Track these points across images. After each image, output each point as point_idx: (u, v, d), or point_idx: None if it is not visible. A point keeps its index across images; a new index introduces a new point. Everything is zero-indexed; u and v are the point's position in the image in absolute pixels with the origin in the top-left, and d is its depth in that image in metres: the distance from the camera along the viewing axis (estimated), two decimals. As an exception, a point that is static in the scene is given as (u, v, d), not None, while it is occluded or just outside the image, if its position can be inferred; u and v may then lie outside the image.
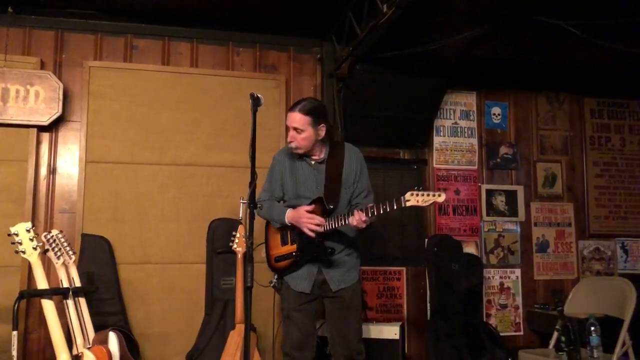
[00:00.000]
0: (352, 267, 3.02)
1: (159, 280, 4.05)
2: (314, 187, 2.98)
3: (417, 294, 4.59)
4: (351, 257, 3.02)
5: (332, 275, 2.94)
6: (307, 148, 2.96)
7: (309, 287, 2.94)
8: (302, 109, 2.91)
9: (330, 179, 2.96)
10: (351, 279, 2.99)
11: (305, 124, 2.89)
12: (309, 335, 2.98)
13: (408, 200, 2.63)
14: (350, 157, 3.04)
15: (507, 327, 4.74)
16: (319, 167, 3.01)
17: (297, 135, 2.90)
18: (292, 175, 3.05)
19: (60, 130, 4.06)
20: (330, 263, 2.94)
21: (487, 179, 4.88)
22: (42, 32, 4.11)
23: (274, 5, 4.07)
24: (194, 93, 4.25)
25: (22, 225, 2.89)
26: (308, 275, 2.94)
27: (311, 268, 2.94)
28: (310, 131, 2.90)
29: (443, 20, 3.61)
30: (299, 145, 2.93)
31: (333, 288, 2.94)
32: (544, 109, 5.11)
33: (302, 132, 2.90)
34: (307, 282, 2.94)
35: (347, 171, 3.00)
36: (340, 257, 2.97)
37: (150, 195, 4.10)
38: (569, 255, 4.97)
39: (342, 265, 2.96)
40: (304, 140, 2.92)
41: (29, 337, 3.82)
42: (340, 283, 2.95)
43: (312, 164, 3.02)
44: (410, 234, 4.62)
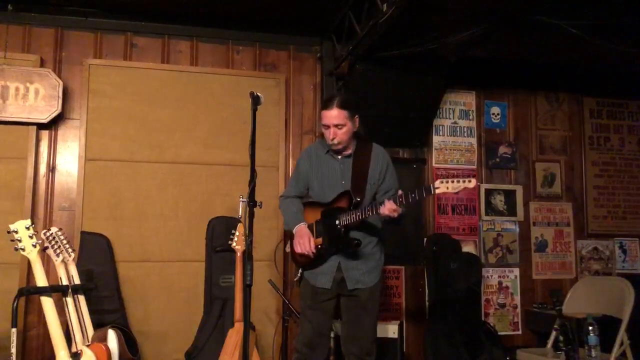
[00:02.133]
0: (372, 268, 3.00)
1: (158, 278, 4.05)
2: (339, 182, 3.00)
3: (415, 293, 4.59)
4: (373, 257, 3.00)
5: (350, 275, 2.93)
6: (347, 142, 2.99)
7: (329, 283, 2.93)
8: (338, 104, 2.94)
9: (357, 173, 2.98)
10: (369, 281, 2.97)
11: (344, 118, 2.94)
12: (322, 335, 3.00)
13: (437, 188, 2.64)
14: (378, 155, 3.06)
15: (505, 326, 4.75)
16: (346, 162, 3.04)
17: (339, 131, 2.94)
18: (318, 171, 3.07)
19: (60, 128, 4.07)
20: (352, 261, 2.93)
21: (486, 179, 4.89)
22: (42, 30, 4.11)
23: (274, 4, 4.07)
24: (193, 91, 4.26)
25: (21, 222, 2.89)
26: (329, 271, 2.94)
27: (332, 264, 2.94)
28: (349, 125, 2.96)
29: (443, 20, 3.60)
30: (341, 141, 2.96)
31: (349, 286, 2.93)
32: (543, 109, 5.12)
33: (343, 127, 2.94)
34: (328, 277, 2.94)
35: (373, 167, 3.01)
36: (363, 255, 2.95)
37: (149, 193, 4.10)
38: (568, 254, 4.98)
39: (363, 266, 2.95)
40: (345, 135, 2.96)
41: (28, 335, 3.83)
42: (357, 283, 2.94)
43: (339, 159, 3.05)
44: (409, 232, 4.61)
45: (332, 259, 2.94)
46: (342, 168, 3.03)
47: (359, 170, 2.99)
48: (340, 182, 3.00)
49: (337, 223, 2.90)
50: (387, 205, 2.74)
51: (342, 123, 2.93)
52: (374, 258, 3.01)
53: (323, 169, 3.07)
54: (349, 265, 2.94)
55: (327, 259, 2.95)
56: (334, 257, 2.94)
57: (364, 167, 3.00)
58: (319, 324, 2.97)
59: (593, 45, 3.80)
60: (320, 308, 2.98)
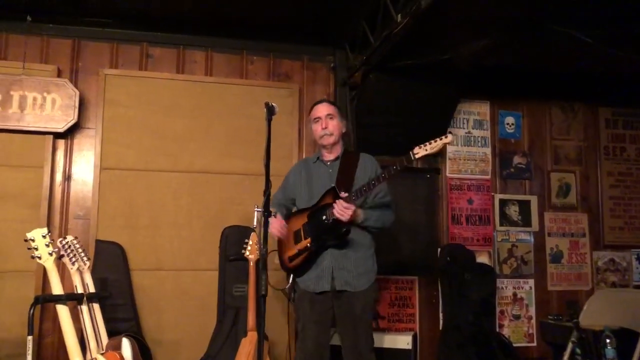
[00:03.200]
0: (363, 274, 2.98)
1: (171, 286, 4.06)
2: (328, 185, 3.00)
3: (429, 304, 4.56)
4: (364, 263, 2.99)
5: (339, 275, 2.92)
6: (337, 137, 3.08)
7: (327, 285, 2.92)
8: (328, 101, 3.24)
9: (343, 173, 3.02)
10: (358, 285, 2.94)
11: (335, 112, 3.12)
12: (324, 348, 2.99)
13: (417, 153, 2.70)
14: (365, 162, 3.09)
15: (520, 337, 4.70)
16: (334, 167, 3.08)
17: (330, 121, 3.07)
18: (308, 180, 3.11)
19: (76, 137, 4.11)
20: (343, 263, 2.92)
21: (501, 189, 4.86)
22: (59, 41, 4.16)
23: (289, 15, 4.10)
24: (208, 101, 4.28)
25: (38, 231, 2.92)
26: (325, 274, 2.93)
27: (326, 266, 2.93)
28: (338, 119, 3.12)
29: (457, 30, 3.60)
30: (332, 132, 3.05)
31: (337, 287, 2.92)
32: (558, 119, 5.08)
33: (334, 119, 3.09)
34: (325, 280, 2.93)
35: (361, 173, 3.02)
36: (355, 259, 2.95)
37: (163, 202, 4.12)
38: (583, 266, 4.92)
39: (354, 269, 2.94)
40: (336, 128, 3.07)
41: (43, 342, 3.85)
42: (345, 285, 2.92)
43: (328, 164, 3.11)
44: (422, 243, 4.60)
45: (324, 260, 2.94)
46: (331, 173, 3.07)
47: (345, 171, 3.03)
48: (329, 185, 3.01)
49: (324, 218, 2.90)
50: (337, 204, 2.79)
51: (332, 113, 3.09)
52: (365, 265, 2.99)
53: (313, 177, 3.12)
54: (340, 266, 2.93)
55: (318, 259, 2.94)
56: (327, 258, 2.93)
57: (351, 170, 3.03)
58: (319, 338, 2.96)
59: (608, 54, 3.78)
60: (320, 321, 2.96)
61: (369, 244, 3.05)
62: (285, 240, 3.09)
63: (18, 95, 3.88)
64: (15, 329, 3.67)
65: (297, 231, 3.03)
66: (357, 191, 2.81)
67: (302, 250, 2.97)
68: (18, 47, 4.03)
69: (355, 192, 2.81)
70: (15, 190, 3.89)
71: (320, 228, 2.91)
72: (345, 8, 3.94)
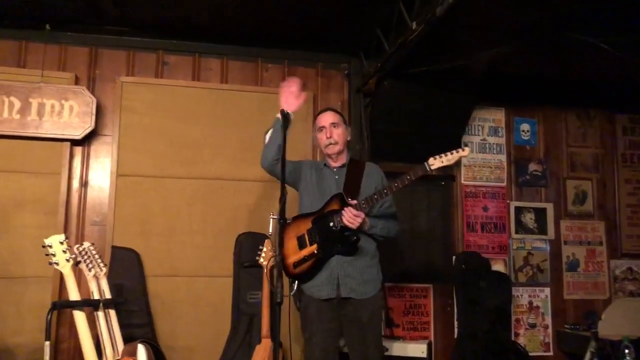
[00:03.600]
0: (369, 281, 2.95)
1: (186, 292, 4.07)
2: (334, 191, 3.00)
3: (444, 312, 4.53)
4: (370, 271, 2.97)
5: (345, 282, 2.89)
6: (342, 145, 3.07)
7: (334, 292, 2.89)
8: (332, 109, 3.22)
9: (350, 180, 3.01)
10: (364, 292, 2.92)
11: (340, 120, 3.12)
12: (332, 356, 2.95)
13: (432, 164, 2.71)
14: (370, 171, 3.10)
15: (536, 346, 4.65)
16: (340, 174, 3.08)
17: (335, 130, 3.06)
18: (315, 183, 3.09)
19: (93, 144, 4.15)
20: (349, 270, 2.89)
21: (516, 196, 4.82)
22: (77, 49, 4.21)
23: (303, 23, 4.11)
24: (223, 108, 4.31)
25: (56, 237, 2.95)
26: (330, 280, 2.90)
27: (331, 273, 2.90)
28: (344, 128, 3.11)
29: (472, 37, 3.59)
30: (337, 140, 3.04)
31: (342, 294, 2.88)
32: (574, 126, 5.04)
33: (339, 127, 3.08)
34: (331, 286, 2.90)
35: (367, 182, 3.02)
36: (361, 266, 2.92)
37: (178, 209, 4.14)
38: (600, 274, 4.87)
39: (359, 276, 2.91)
40: (341, 136, 3.07)
41: (59, 348, 3.87)
42: (351, 292, 2.89)
43: (335, 170, 3.10)
44: (437, 250, 4.58)
45: (330, 268, 2.90)
46: (337, 179, 3.06)
47: (351, 178, 3.02)
48: (335, 192, 2.99)
49: (332, 225, 2.87)
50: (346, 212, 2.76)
51: (337, 122, 3.08)
52: (371, 272, 2.97)
53: (319, 182, 3.09)
54: (345, 273, 2.89)
55: (324, 266, 2.90)
56: (332, 265, 2.90)
57: (357, 177, 3.02)
58: (327, 347, 2.91)
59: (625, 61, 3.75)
60: (327, 329, 2.91)
61: (373, 252, 3.03)
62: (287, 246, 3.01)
63: (37, 103, 3.93)
64: (32, 334, 3.71)
65: (301, 236, 2.97)
66: (367, 199, 2.80)
67: (308, 257, 2.92)
68: (37, 55, 4.09)
69: (365, 200, 2.80)
70: (33, 196, 3.93)
71: (327, 235, 2.88)
72: (359, 15, 3.95)
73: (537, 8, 3.23)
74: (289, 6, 3.83)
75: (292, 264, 2.96)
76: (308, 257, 2.92)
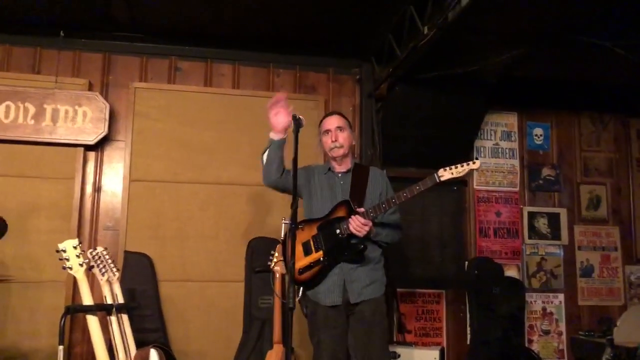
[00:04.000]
0: (374, 281, 2.91)
1: (198, 297, 4.09)
2: (332, 198, 2.96)
3: (456, 318, 4.50)
4: (376, 274, 2.93)
5: (353, 287, 2.85)
6: (347, 149, 3.03)
7: (339, 299, 2.84)
8: (338, 113, 3.17)
9: (355, 186, 2.97)
10: (371, 293, 2.88)
11: (345, 124, 3.08)
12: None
13: (442, 176, 2.64)
14: (375, 176, 3.06)
15: (549, 353, 4.60)
16: (345, 180, 3.03)
17: (340, 134, 3.02)
18: (318, 189, 3.04)
19: (106, 150, 4.18)
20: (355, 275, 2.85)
21: (529, 201, 4.79)
22: (91, 55, 4.26)
23: (315, 28, 4.13)
24: (235, 114, 4.32)
25: (69, 242, 2.97)
26: (335, 287, 2.85)
27: (337, 280, 2.85)
28: (349, 132, 3.08)
29: (484, 41, 3.58)
30: (343, 144, 3.00)
31: (352, 300, 2.84)
32: (587, 130, 5.00)
33: (344, 131, 3.04)
34: (336, 293, 2.85)
35: (372, 187, 2.99)
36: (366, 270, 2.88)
37: (191, 214, 4.16)
38: (615, 280, 4.81)
39: (366, 279, 2.87)
40: (346, 140, 3.03)
41: (73, 352, 3.90)
42: (359, 295, 2.85)
43: (339, 176, 3.05)
44: (449, 256, 4.55)
45: (335, 274, 2.86)
46: (343, 185, 3.01)
47: (357, 184, 2.98)
48: (339, 198, 2.95)
49: (338, 232, 2.82)
50: (353, 220, 2.73)
51: (342, 126, 3.04)
52: (376, 275, 2.94)
53: (323, 188, 3.04)
54: (351, 279, 2.85)
55: (329, 273, 2.86)
56: (337, 272, 2.85)
57: (362, 183, 2.98)
58: (335, 351, 2.84)
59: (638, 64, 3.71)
60: (334, 334, 2.85)
61: (378, 257, 2.99)
62: None
63: (51, 109, 3.97)
64: (46, 338, 3.74)
65: (306, 242, 2.90)
66: (374, 208, 2.77)
67: (313, 264, 2.86)
68: (51, 61, 4.14)
69: (373, 209, 2.77)
70: (47, 201, 3.97)
71: (333, 242, 2.84)
72: (371, 20, 3.95)
73: (550, 12, 3.21)
74: (300, 12, 3.84)
75: (298, 270, 2.90)
76: (314, 263, 2.87)
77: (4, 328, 3.77)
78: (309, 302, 2.95)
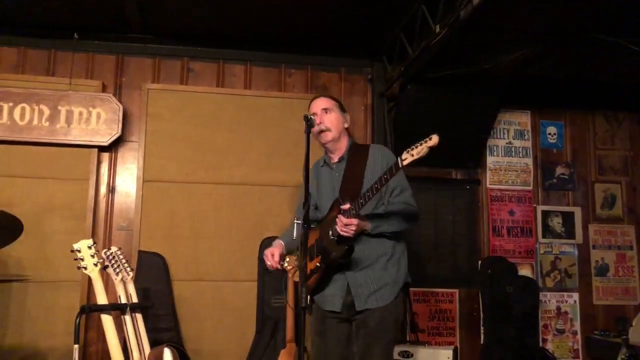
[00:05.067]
0: (384, 286, 2.64)
1: (211, 297, 4.10)
2: (330, 193, 2.78)
3: (470, 317, 4.48)
4: (387, 274, 2.66)
5: (359, 293, 2.62)
6: (337, 132, 2.77)
7: (338, 305, 2.66)
8: (325, 95, 2.94)
9: (348, 178, 2.73)
10: (379, 301, 2.62)
11: (333, 105, 2.83)
12: None
13: (405, 159, 2.33)
14: (375, 156, 2.77)
15: (564, 353, 4.56)
16: (339, 169, 2.80)
17: (326, 115, 2.77)
18: (319, 186, 2.89)
19: (120, 151, 4.21)
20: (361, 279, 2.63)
21: (543, 200, 4.75)
22: (104, 57, 4.29)
23: (326, 27, 4.13)
24: (247, 114, 4.34)
25: (84, 242, 3.00)
26: (338, 293, 2.67)
27: (340, 284, 2.67)
28: (338, 113, 2.82)
29: (497, 40, 3.56)
30: (329, 126, 2.74)
31: (357, 307, 2.61)
32: (602, 128, 4.95)
33: (331, 112, 2.79)
34: (337, 299, 2.67)
35: (371, 169, 2.71)
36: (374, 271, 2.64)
37: (204, 214, 4.18)
38: (631, 280, 4.76)
39: (374, 284, 2.63)
40: (334, 122, 2.77)
41: (88, 351, 3.93)
42: (365, 303, 2.61)
43: (334, 167, 2.83)
44: (462, 255, 4.54)
45: (339, 279, 2.67)
46: (337, 177, 2.79)
47: (350, 175, 2.72)
48: (331, 193, 2.76)
49: (331, 234, 2.60)
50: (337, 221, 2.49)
51: (329, 107, 2.79)
52: (388, 275, 2.66)
53: (322, 183, 2.86)
54: (357, 283, 2.63)
55: (332, 277, 2.68)
56: (341, 276, 2.66)
57: (358, 171, 2.71)
58: (326, 353, 2.69)
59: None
60: (328, 335, 2.70)
61: (389, 251, 2.69)
62: None
63: (65, 110, 4.01)
64: (62, 338, 3.78)
65: (311, 247, 2.71)
66: (357, 202, 2.48)
67: (314, 270, 2.68)
68: (65, 63, 4.18)
69: (356, 204, 2.48)
70: (62, 202, 4.01)
71: (327, 245, 2.62)
72: (382, 20, 3.95)
73: (564, 9, 3.18)
74: (312, 12, 3.84)
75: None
76: (314, 270, 2.68)
77: (21, 327, 3.82)
78: (313, 305, 2.79)
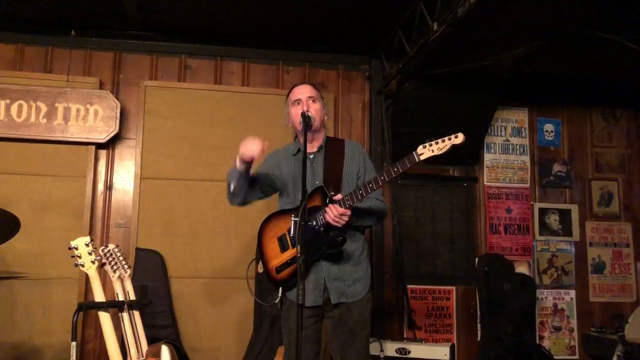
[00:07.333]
0: (359, 279, 2.63)
1: (209, 294, 4.11)
2: (313, 183, 2.65)
3: (467, 314, 4.50)
4: (360, 267, 2.66)
5: (334, 286, 2.58)
6: (319, 123, 2.72)
7: (320, 299, 2.58)
8: (309, 83, 2.87)
9: (329, 169, 2.68)
10: (355, 293, 2.60)
11: (317, 95, 2.79)
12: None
13: (422, 154, 2.31)
14: (353, 151, 2.76)
15: (561, 350, 4.58)
16: (318, 160, 2.73)
17: (312, 104, 2.72)
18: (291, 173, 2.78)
19: (117, 148, 4.21)
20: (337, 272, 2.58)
21: (540, 197, 4.76)
22: (102, 54, 4.29)
23: (324, 24, 4.13)
24: (245, 111, 4.33)
25: (81, 239, 2.99)
26: (316, 286, 2.58)
27: (317, 277, 2.58)
28: (321, 104, 2.78)
29: (494, 37, 3.57)
30: (315, 116, 2.67)
31: (332, 300, 2.57)
32: (599, 126, 4.97)
33: (316, 102, 2.75)
34: (316, 293, 2.57)
35: (349, 164, 2.71)
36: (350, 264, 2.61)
37: (202, 211, 4.18)
38: (627, 277, 4.78)
39: (349, 276, 2.60)
40: (318, 112, 2.72)
41: (85, 348, 3.94)
42: (341, 296, 2.58)
43: (311, 157, 2.74)
44: (460, 252, 4.55)
45: (315, 272, 2.58)
46: (315, 167, 2.70)
47: (331, 167, 2.68)
48: (314, 183, 2.64)
49: (314, 224, 2.52)
50: (330, 210, 2.45)
51: (314, 96, 2.75)
52: (361, 268, 2.66)
53: (296, 171, 2.73)
54: (332, 276, 2.58)
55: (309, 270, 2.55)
56: (318, 268, 2.58)
57: (337, 163, 2.69)
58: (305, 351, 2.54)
59: (652, 59, 3.68)
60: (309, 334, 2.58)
61: (361, 248, 2.69)
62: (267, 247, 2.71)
63: (62, 107, 4.00)
64: (59, 335, 3.78)
65: (281, 237, 2.64)
66: (350, 195, 2.45)
67: (291, 261, 2.58)
68: (63, 60, 4.17)
69: (350, 197, 2.45)
70: (60, 199, 4.00)
71: (309, 235, 2.44)
72: (380, 17, 3.95)
73: (561, 6, 3.19)
74: (310, 8, 3.84)
75: (275, 268, 2.64)
76: (291, 260, 2.58)
77: (18, 324, 3.82)
78: (285, 300, 2.67)
